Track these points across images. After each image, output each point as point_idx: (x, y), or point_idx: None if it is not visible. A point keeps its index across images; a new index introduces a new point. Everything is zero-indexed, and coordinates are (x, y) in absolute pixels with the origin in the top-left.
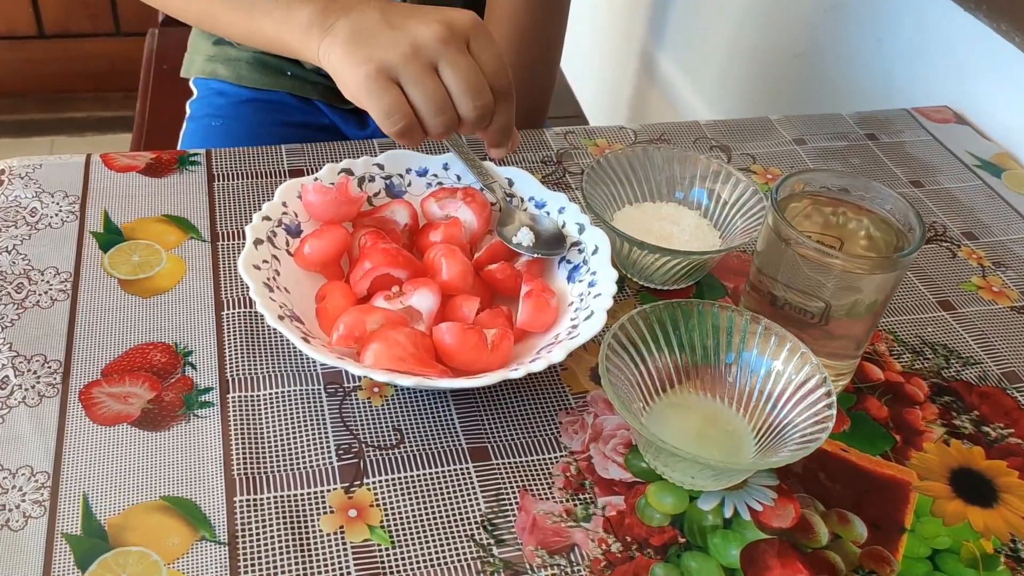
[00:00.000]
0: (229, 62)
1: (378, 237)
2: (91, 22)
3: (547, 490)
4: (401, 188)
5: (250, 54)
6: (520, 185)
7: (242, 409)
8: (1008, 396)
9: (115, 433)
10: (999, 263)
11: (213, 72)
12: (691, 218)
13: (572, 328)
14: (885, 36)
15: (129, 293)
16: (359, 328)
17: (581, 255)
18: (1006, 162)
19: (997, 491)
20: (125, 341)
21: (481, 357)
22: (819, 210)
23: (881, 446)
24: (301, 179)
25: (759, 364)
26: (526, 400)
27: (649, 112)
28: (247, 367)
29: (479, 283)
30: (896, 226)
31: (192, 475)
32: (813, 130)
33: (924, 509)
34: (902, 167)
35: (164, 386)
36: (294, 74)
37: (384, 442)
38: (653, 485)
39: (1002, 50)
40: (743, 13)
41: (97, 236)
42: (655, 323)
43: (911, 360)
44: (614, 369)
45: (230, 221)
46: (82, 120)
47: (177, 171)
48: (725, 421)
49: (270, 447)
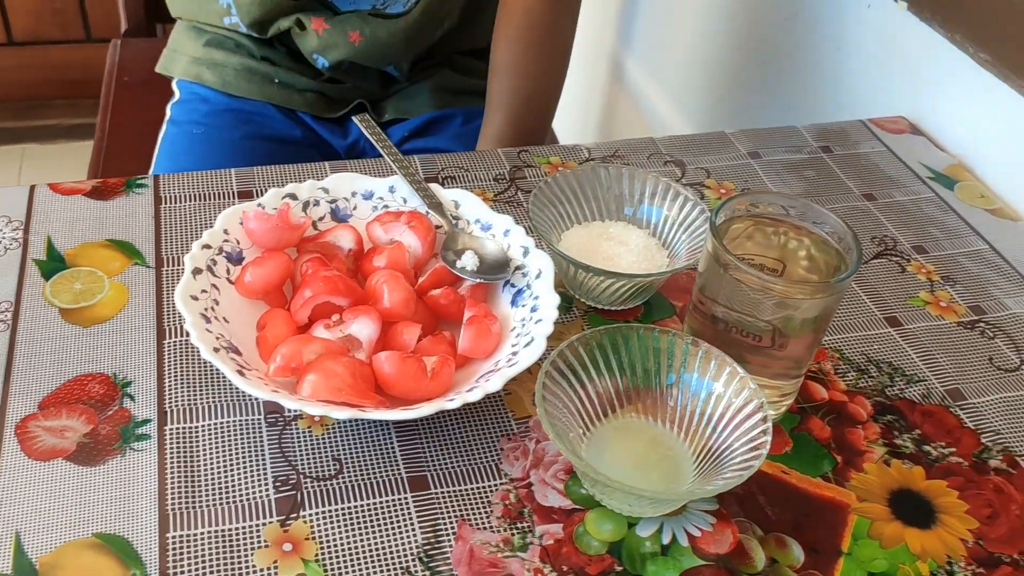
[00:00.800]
0: (216, 67)
1: (320, 264)
2: (61, 29)
3: (486, 519)
4: (347, 212)
5: (238, 60)
6: (466, 207)
7: (180, 441)
8: (951, 414)
9: (49, 468)
10: (948, 277)
11: (198, 76)
12: (639, 237)
13: (512, 355)
14: (843, 46)
15: (69, 322)
16: (296, 359)
17: (525, 279)
18: (959, 174)
19: (936, 512)
20: (64, 372)
21: (420, 385)
22: (761, 230)
23: (822, 467)
24: (243, 205)
25: (700, 386)
26: (468, 426)
27: (618, 120)
28: (187, 398)
29: (422, 308)
30: (836, 247)
31: (126, 511)
32: (768, 143)
33: (862, 531)
34: (855, 180)
35: (101, 419)
36: (282, 82)
37: (323, 473)
38: (592, 512)
39: (957, 60)
40: (707, 22)
41: (40, 264)
42: (595, 348)
43: (856, 378)
44: (551, 397)
45: (176, 246)
46: (53, 128)
47: (123, 194)
48: (666, 446)
49: (206, 480)
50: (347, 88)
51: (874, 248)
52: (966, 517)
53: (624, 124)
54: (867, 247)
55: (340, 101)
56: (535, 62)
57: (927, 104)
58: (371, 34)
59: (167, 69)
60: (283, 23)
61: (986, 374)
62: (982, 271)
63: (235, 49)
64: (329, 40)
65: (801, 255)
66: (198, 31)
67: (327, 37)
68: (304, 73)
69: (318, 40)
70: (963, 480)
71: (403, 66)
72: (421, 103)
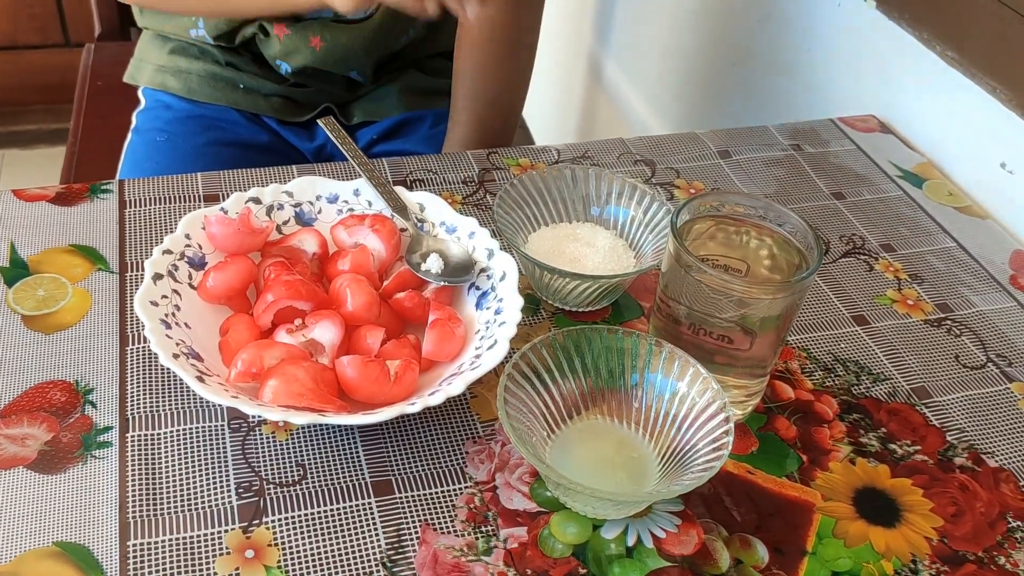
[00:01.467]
0: (180, 74)
1: (283, 268)
2: (39, 34)
3: (450, 523)
4: (311, 216)
5: (202, 67)
6: (431, 210)
7: (142, 448)
8: (917, 412)
9: (10, 476)
10: (916, 275)
11: (163, 84)
12: (606, 239)
13: (476, 358)
14: (814, 45)
15: (32, 329)
16: (257, 364)
17: (489, 281)
18: (928, 172)
19: (900, 510)
20: (25, 380)
21: (383, 389)
22: (723, 230)
23: (788, 467)
24: (205, 210)
25: (664, 386)
26: (433, 430)
27: (597, 121)
28: (150, 404)
29: (387, 312)
30: (797, 246)
31: (86, 519)
32: (739, 143)
33: (827, 531)
34: (825, 178)
35: (62, 426)
36: (247, 87)
37: (286, 478)
38: (557, 515)
39: (925, 59)
40: (683, 23)
41: (2, 271)
42: (559, 350)
43: (822, 377)
44: (514, 400)
45: (141, 251)
46: (33, 132)
47: (88, 199)
48: (631, 447)
49: (169, 487)
50: (313, 92)
51: (842, 247)
52: (931, 515)
53: (602, 124)
54: (835, 246)
55: (306, 105)
56: (498, 66)
57: (896, 103)
58: (332, 39)
59: (133, 78)
60: (247, 30)
61: (952, 372)
62: (950, 269)
63: (199, 56)
64: (291, 45)
65: (763, 254)
66: (163, 39)
67: (288, 43)
68: (269, 78)
69: (280, 46)
70: (928, 478)
71: (366, 71)
72: (389, 105)
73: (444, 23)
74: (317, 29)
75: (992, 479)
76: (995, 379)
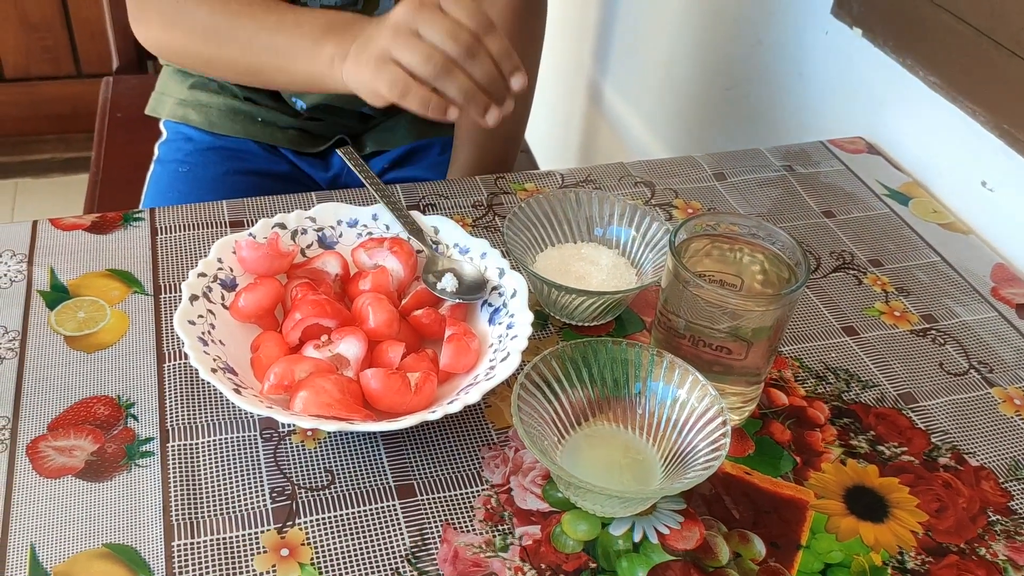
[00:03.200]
0: (201, 108)
1: (309, 288)
2: (52, 65)
3: (468, 523)
4: (333, 239)
5: (222, 101)
6: (445, 233)
7: (182, 457)
8: (903, 416)
9: (60, 485)
10: (902, 288)
11: (185, 117)
12: (609, 257)
13: (490, 369)
14: (804, 71)
15: (74, 349)
16: (289, 377)
17: (501, 298)
18: (913, 191)
19: (888, 507)
20: (70, 396)
21: (405, 400)
22: (718, 248)
23: (783, 468)
24: (235, 235)
25: (665, 393)
26: (451, 437)
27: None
28: (187, 416)
29: (406, 328)
30: (787, 261)
31: (133, 522)
32: (733, 165)
33: (819, 526)
34: (815, 198)
35: (107, 438)
36: (265, 120)
37: (316, 483)
38: (568, 514)
39: (910, 83)
40: (678, 48)
41: (44, 295)
42: (567, 361)
43: (814, 385)
44: (527, 408)
45: (172, 274)
46: (46, 162)
47: (122, 227)
48: (635, 450)
49: (207, 492)
50: (326, 125)
51: (832, 262)
52: (916, 511)
53: (602, 148)
54: (826, 261)
55: (321, 137)
56: None
57: (883, 125)
58: None
59: (155, 111)
60: None
61: (936, 378)
62: (934, 282)
63: (219, 91)
64: None
65: (756, 269)
66: (184, 75)
67: None
68: (285, 111)
69: None
70: (914, 477)
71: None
72: (400, 135)
73: None
74: None
75: (973, 477)
76: (977, 385)
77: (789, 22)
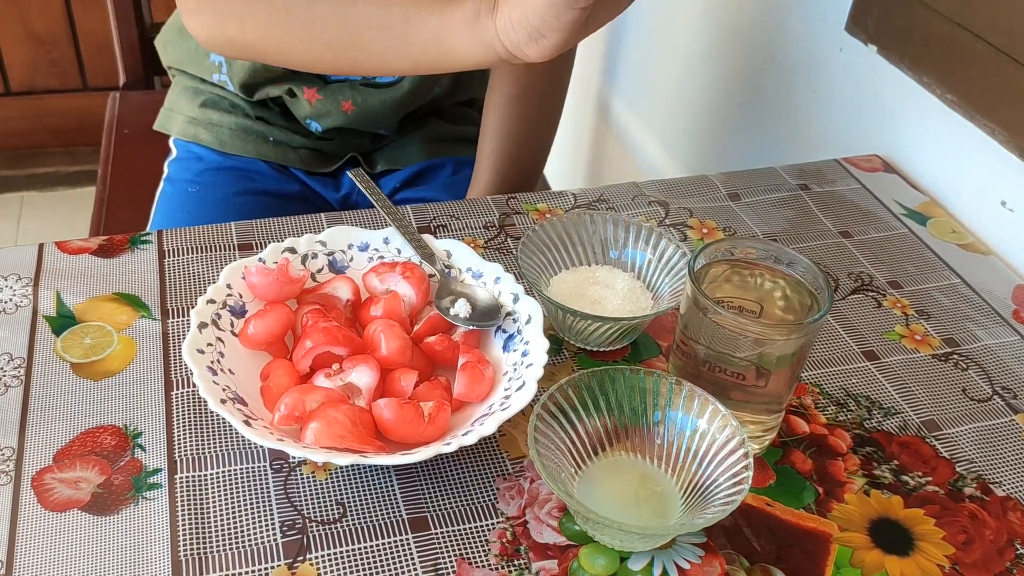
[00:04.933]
0: (211, 127)
1: (319, 315)
2: (58, 79)
3: (483, 557)
4: (344, 264)
5: (233, 120)
6: (457, 257)
7: (190, 489)
8: (927, 444)
9: (66, 519)
10: (922, 311)
11: (195, 136)
12: (624, 281)
13: (505, 399)
14: (818, 87)
15: (80, 376)
16: (299, 408)
17: (515, 324)
18: (931, 210)
19: (914, 539)
20: (77, 425)
21: (418, 430)
22: (738, 273)
23: (804, 499)
24: (245, 260)
25: (685, 423)
26: (465, 468)
27: (607, 162)
28: (195, 446)
29: (419, 355)
30: (809, 288)
31: (140, 558)
32: (748, 184)
33: (844, 560)
34: (832, 218)
35: (113, 469)
36: (276, 140)
37: (327, 516)
38: (585, 548)
39: (926, 101)
40: (690, 66)
41: (50, 320)
42: (584, 390)
43: (835, 412)
44: (543, 439)
45: (181, 297)
46: (52, 175)
47: (129, 250)
48: (654, 482)
49: (216, 526)
50: (338, 143)
51: (851, 284)
52: (942, 543)
53: (613, 163)
54: (844, 283)
55: (332, 156)
56: (523, 127)
57: (899, 143)
58: (363, 103)
59: (164, 127)
60: (273, 90)
61: (960, 405)
62: (955, 304)
63: (230, 109)
64: (322, 109)
65: (777, 296)
66: (194, 92)
67: (320, 106)
68: (297, 131)
69: (311, 108)
70: (939, 508)
71: (393, 127)
72: (412, 153)
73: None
74: (348, 93)
75: (1000, 508)
76: (1001, 411)
77: (803, 38)
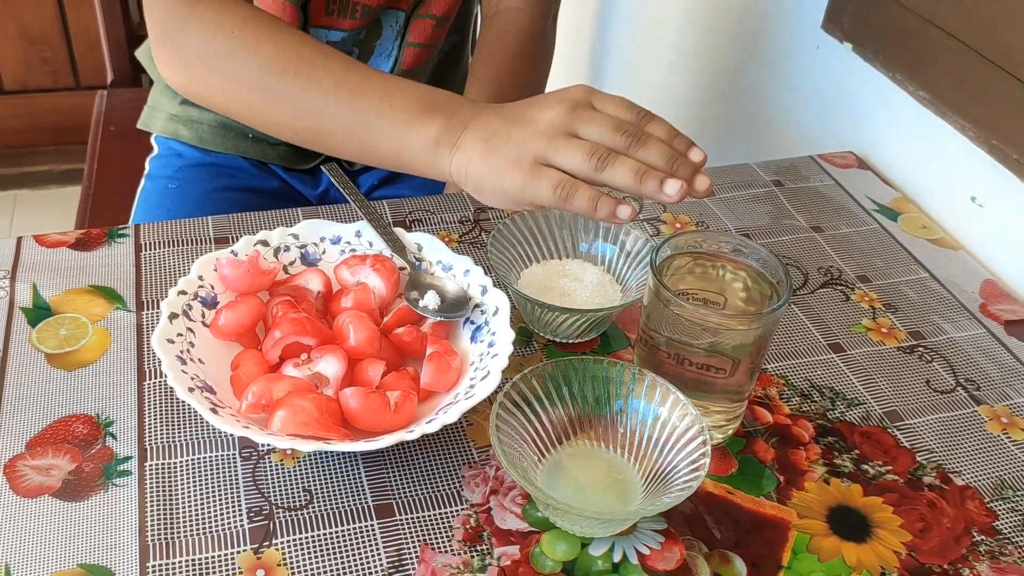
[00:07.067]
0: (192, 124)
1: (289, 307)
2: (51, 77)
3: (447, 543)
4: (316, 256)
5: (212, 117)
6: (428, 250)
7: (159, 476)
8: (888, 435)
9: (37, 505)
10: (890, 305)
11: (176, 133)
12: (594, 273)
13: (470, 388)
14: (795, 85)
15: (55, 367)
16: (267, 396)
17: (483, 316)
18: (903, 206)
19: (871, 526)
20: (50, 414)
21: (384, 419)
22: (701, 265)
23: (765, 487)
24: (217, 252)
25: (647, 411)
26: (431, 456)
27: None
28: (166, 435)
29: (388, 346)
30: (769, 279)
31: (109, 542)
32: (722, 180)
33: (801, 546)
34: (804, 213)
35: (84, 457)
36: (255, 136)
37: (294, 503)
38: (548, 534)
39: (900, 98)
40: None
41: (26, 312)
42: (548, 379)
43: (799, 403)
44: (506, 427)
45: (156, 290)
46: (44, 173)
47: (106, 244)
48: (617, 470)
49: (185, 512)
50: None
51: (820, 278)
52: (900, 531)
53: None
54: (813, 277)
55: (311, 153)
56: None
57: (873, 140)
58: None
59: (147, 125)
60: None
61: (923, 396)
62: (923, 298)
63: None
64: None
65: (738, 287)
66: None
67: None
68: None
69: None
70: (898, 496)
71: None
72: None
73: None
74: None
75: (959, 496)
76: (964, 403)
77: (780, 36)
